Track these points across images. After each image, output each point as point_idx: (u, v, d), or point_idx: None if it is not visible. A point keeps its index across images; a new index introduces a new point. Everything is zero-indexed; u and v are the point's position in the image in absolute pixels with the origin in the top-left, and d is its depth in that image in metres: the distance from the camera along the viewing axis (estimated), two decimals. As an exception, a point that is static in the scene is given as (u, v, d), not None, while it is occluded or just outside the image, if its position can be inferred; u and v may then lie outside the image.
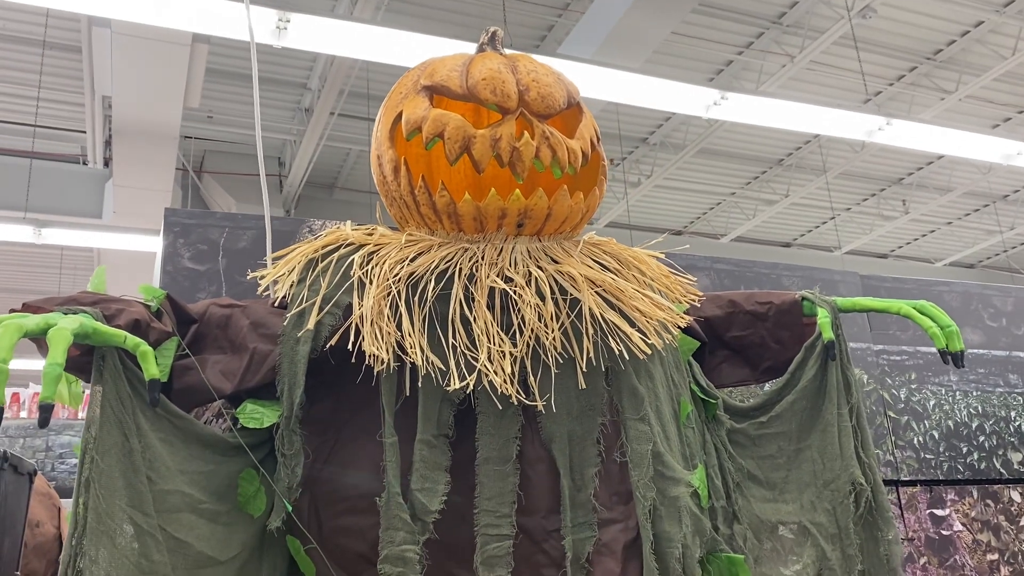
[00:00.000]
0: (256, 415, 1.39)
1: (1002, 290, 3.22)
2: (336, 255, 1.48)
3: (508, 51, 1.62)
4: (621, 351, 1.42)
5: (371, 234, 1.54)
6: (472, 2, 6.94)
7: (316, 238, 1.55)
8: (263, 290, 1.56)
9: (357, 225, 1.60)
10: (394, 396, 1.38)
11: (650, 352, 1.46)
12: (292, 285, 1.48)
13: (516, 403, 1.37)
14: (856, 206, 11.47)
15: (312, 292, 1.44)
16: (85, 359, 1.25)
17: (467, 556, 1.33)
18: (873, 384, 2.75)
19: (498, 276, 1.43)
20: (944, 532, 2.66)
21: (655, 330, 1.48)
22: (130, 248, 7.12)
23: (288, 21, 4.32)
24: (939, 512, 2.69)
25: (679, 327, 1.59)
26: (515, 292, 1.41)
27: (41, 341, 1.17)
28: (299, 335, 1.40)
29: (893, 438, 2.71)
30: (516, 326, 1.40)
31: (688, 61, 7.92)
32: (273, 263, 1.56)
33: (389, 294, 1.40)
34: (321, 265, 1.47)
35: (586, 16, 6.42)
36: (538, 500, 1.38)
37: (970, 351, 2.93)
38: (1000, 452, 2.91)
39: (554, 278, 1.45)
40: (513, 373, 1.37)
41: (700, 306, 1.74)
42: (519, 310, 1.41)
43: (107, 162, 8.06)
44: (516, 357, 1.38)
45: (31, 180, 7.54)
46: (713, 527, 1.52)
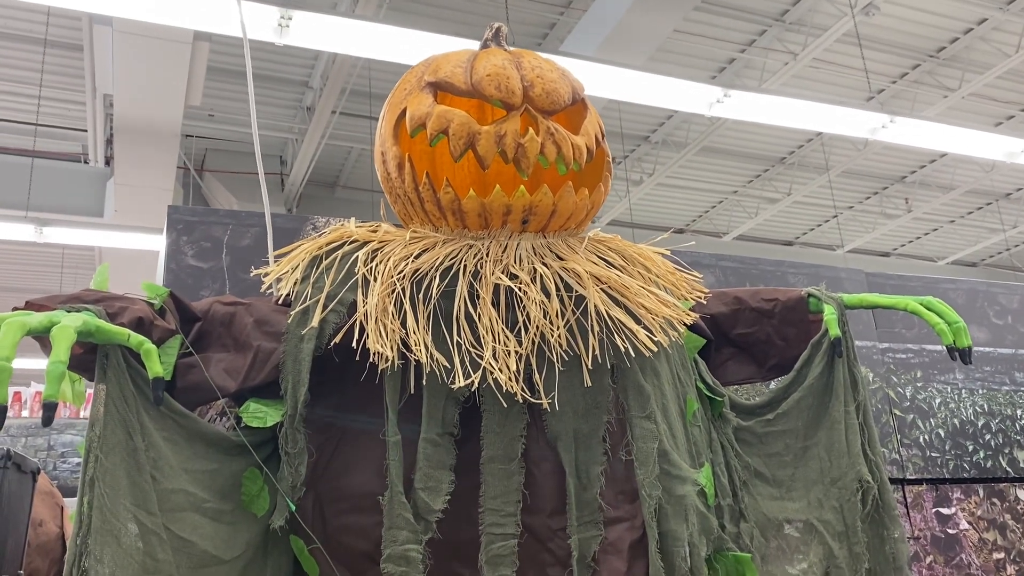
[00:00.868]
0: (259, 414, 1.38)
1: (1008, 288, 3.20)
2: (340, 252, 1.47)
3: (512, 48, 1.61)
4: (627, 348, 1.41)
5: (375, 231, 1.53)
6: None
7: (320, 235, 1.54)
8: (267, 288, 1.55)
9: (361, 223, 1.59)
10: (398, 394, 1.37)
11: (656, 349, 1.45)
12: (296, 283, 1.47)
13: (521, 401, 1.36)
14: (858, 204, 11.45)
15: (316, 290, 1.43)
16: (88, 357, 1.24)
17: (471, 555, 1.32)
18: (879, 382, 2.74)
19: (503, 273, 1.42)
20: (950, 531, 2.65)
21: (661, 327, 1.47)
22: (132, 247, 7.11)
23: (290, 19, 4.31)
24: (945, 511, 2.68)
25: (685, 324, 1.58)
26: (520, 289, 1.40)
27: (44, 339, 1.16)
28: (303, 333, 1.39)
29: (899, 436, 2.70)
30: (521, 323, 1.39)
31: (690, 59, 7.90)
32: (276, 261, 1.55)
33: (393, 291, 1.39)
34: (325, 262, 1.46)
35: (588, 14, 6.41)
36: (543, 499, 1.37)
37: (976, 349, 2.91)
38: (1006, 450, 2.90)
39: (559, 275, 1.44)
40: (518, 371, 1.36)
41: (706, 303, 1.73)
42: (524, 307, 1.40)
43: (108, 161, 8.05)
44: (521, 355, 1.37)
45: (32, 179, 7.53)
46: (720, 525, 1.51)
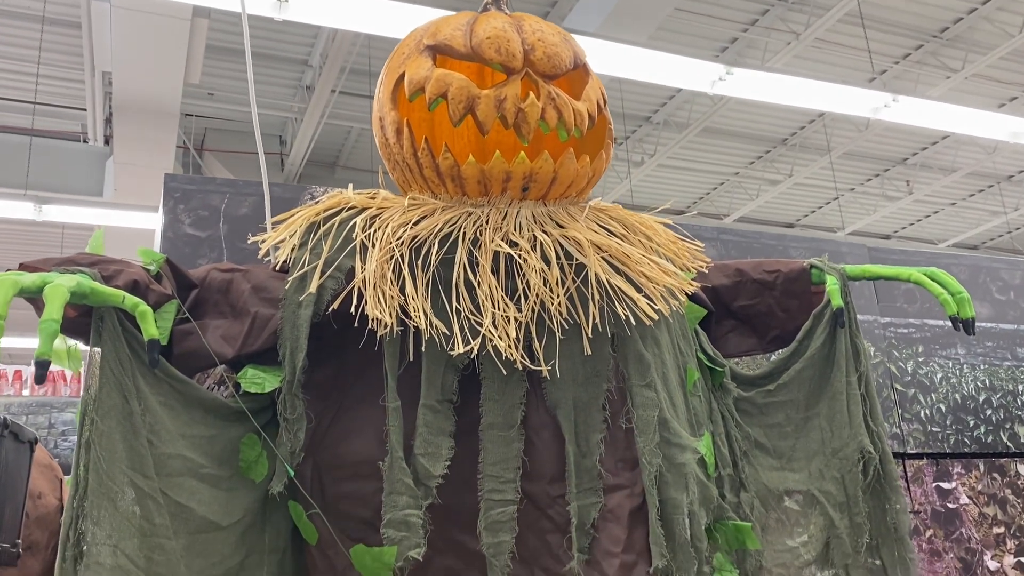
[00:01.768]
0: (257, 380, 1.37)
1: (1011, 263, 3.19)
2: (338, 219, 1.46)
3: (514, 11, 1.58)
4: (627, 317, 1.40)
5: (373, 198, 1.52)
6: (475, -24, 6.88)
7: (317, 202, 1.53)
8: (264, 254, 1.53)
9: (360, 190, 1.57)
10: (397, 360, 1.36)
11: (657, 318, 1.44)
12: (293, 249, 1.45)
13: (521, 368, 1.35)
14: (860, 186, 11.41)
15: (314, 256, 1.42)
16: (83, 320, 1.23)
17: (471, 521, 1.32)
18: (880, 357, 2.73)
19: (503, 240, 1.41)
20: (950, 505, 2.65)
21: (662, 296, 1.46)
22: (131, 225, 7.09)
23: (289, -7, 4.27)
24: (945, 485, 2.68)
25: (686, 294, 1.57)
26: (520, 257, 1.39)
27: (37, 301, 1.15)
28: (301, 299, 1.37)
29: (900, 411, 2.70)
30: (521, 291, 1.38)
31: (692, 38, 7.85)
32: (274, 227, 1.54)
33: (392, 258, 1.38)
34: (323, 229, 1.45)
35: (590, -9, 6.35)
36: (543, 466, 1.36)
37: (978, 324, 2.90)
38: (1007, 426, 2.90)
39: (559, 243, 1.43)
40: (518, 338, 1.35)
41: (707, 275, 1.72)
42: (524, 275, 1.38)
43: (107, 140, 8.02)
44: (521, 322, 1.36)
45: (31, 158, 7.50)
46: (720, 495, 1.50)
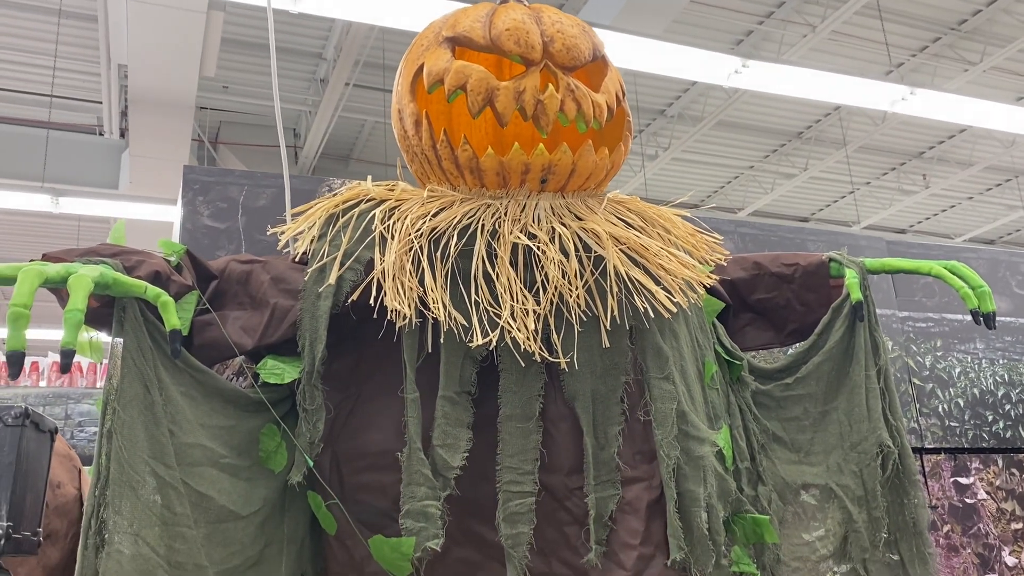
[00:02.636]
0: (277, 371, 1.38)
1: (1031, 257, 3.17)
2: (357, 210, 1.46)
3: (533, 3, 1.58)
4: (646, 309, 1.40)
5: (392, 189, 1.52)
6: (489, -30, 6.85)
7: (336, 194, 1.53)
8: (283, 246, 1.54)
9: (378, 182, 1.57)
10: (416, 352, 1.36)
11: (675, 310, 1.43)
12: (313, 240, 1.46)
13: (539, 360, 1.35)
14: (875, 180, 11.33)
15: (333, 247, 1.42)
16: (105, 311, 1.24)
17: (489, 513, 1.32)
18: (898, 351, 2.71)
19: (521, 232, 1.41)
20: (968, 500, 2.64)
21: (680, 288, 1.46)
22: (146, 217, 7.13)
23: (304, -14, 4.28)
24: (963, 480, 2.66)
25: (704, 287, 1.56)
26: (539, 248, 1.39)
27: (61, 291, 1.16)
28: (320, 290, 1.38)
29: (918, 405, 2.68)
30: (539, 283, 1.38)
31: (707, 31, 7.81)
32: (293, 219, 1.54)
33: (411, 249, 1.38)
34: (342, 220, 1.45)
35: (605, -17, 6.32)
36: (561, 458, 1.36)
37: (997, 319, 2.89)
38: (1026, 421, 2.88)
39: (578, 235, 1.43)
40: (536, 330, 1.35)
41: (725, 268, 1.71)
42: (542, 267, 1.38)
43: (123, 132, 8.05)
44: (539, 314, 1.36)
45: (48, 151, 7.55)
46: (737, 488, 1.50)
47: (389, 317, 1.34)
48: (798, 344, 1.75)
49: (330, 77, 7.73)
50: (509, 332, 1.33)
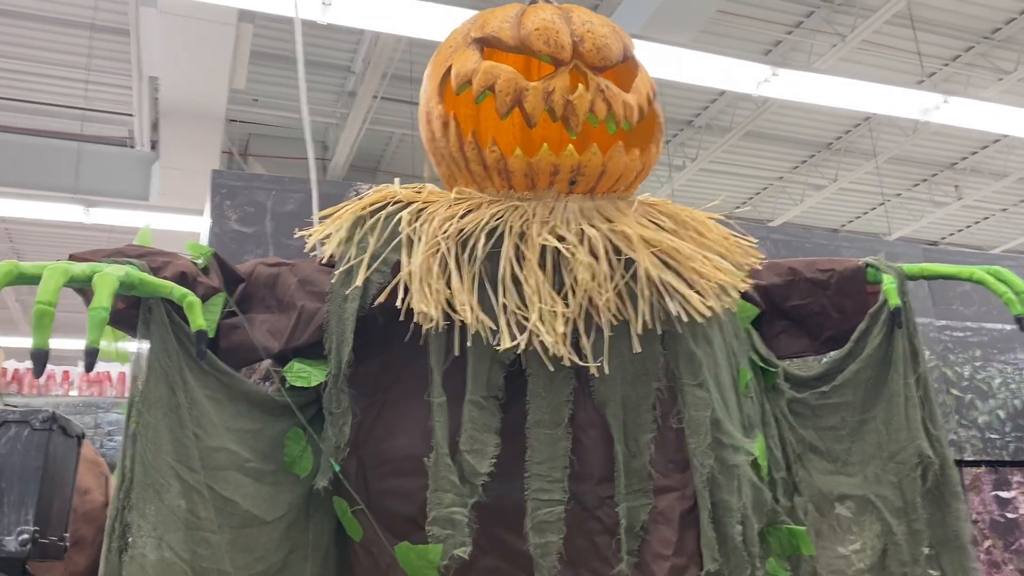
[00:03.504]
0: (303, 374, 1.36)
1: (1073, 266, 3.09)
2: (384, 213, 1.45)
3: (563, 3, 1.56)
4: (678, 314, 1.36)
5: (419, 192, 1.50)
6: (516, -19, 6.87)
7: (363, 197, 1.51)
8: (310, 248, 1.53)
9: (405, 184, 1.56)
10: (443, 355, 1.34)
11: (709, 315, 1.40)
12: (340, 243, 1.45)
13: (568, 365, 1.32)
14: (906, 191, 11.18)
15: (360, 249, 1.40)
16: (132, 312, 1.23)
17: (517, 522, 1.29)
18: (935, 360, 2.65)
19: (550, 234, 1.38)
20: (1009, 515, 2.56)
21: (714, 293, 1.42)
22: (177, 228, 7.19)
23: (332, -2, 4.31)
24: (1004, 494, 2.59)
25: (739, 292, 1.53)
26: (568, 251, 1.36)
27: (88, 292, 1.15)
28: (347, 293, 1.36)
29: (957, 416, 2.61)
30: (569, 287, 1.35)
31: (736, 41, 7.76)
32: (320, 222, 1.53)
33: (438, 251, 1.36)
34: (369, 223, 1.44)
35: (632, -7, 6.31)
36: (591, 466, 1.33)
37: (1039, 328, 2.82)
38: (1070, 434, 2.80)
39: (608, 237, 1.40)
40: (565, 334, 1.32)
41: (759, 273, 1.67)
42: (572, 270, 1.35)
43: (154, 145, 8.15)
44: (568, 318, 1.33)
45: (79, 163, 7.65)
46: (773, 499, 1.46)
47: (416, 320, 1.32)
48: (834, 352, 1.71)
49: (358, 90, 7.77)
50: (537, 336, 1.30)
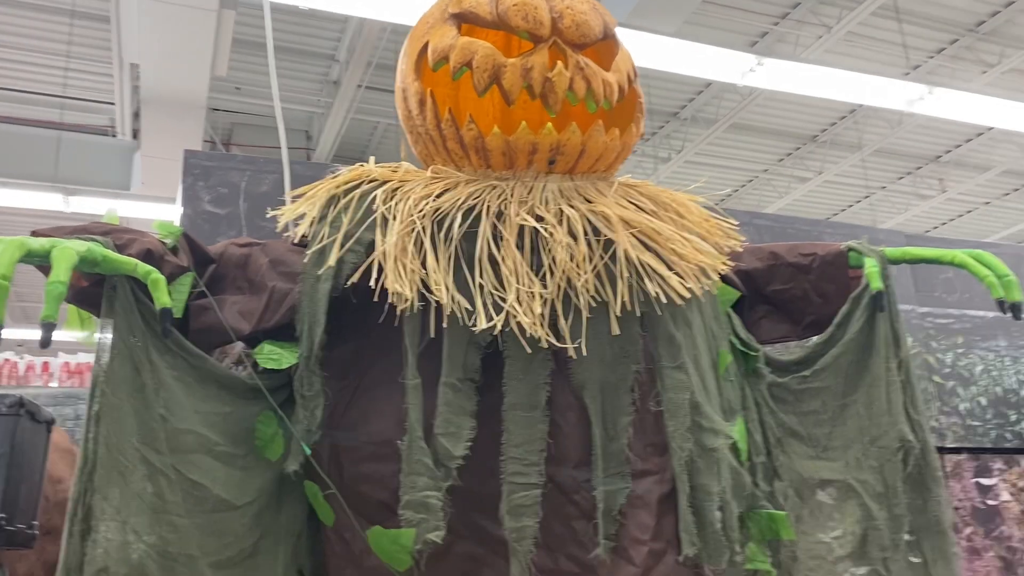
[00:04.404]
0: (274, 356, 1.33)
1: (1055, 254, 3.09)
2: (358, 191, 1.42)
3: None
4: (657, 295, 1.34)
5: (395, 170, 1.47)
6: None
7: (338, 175, 1.48)
8: (283, 228, 1.50)
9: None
10: (418, 337, 1.31)
11: (688, 296, 1.38)
12: (313, 222, 1.41)
13: (546, 347, 1.30)
14: (891, 184, 11.22)
15: (333, 229, 1.37)
16: (96, 291, 1.19)
17: (493, 506, 1.27)
18: (917, 347, 2.65)
19: (528, 214, 1.35)
20: (990, 502, 2.56)
21: (694, 275, 1.40)
22: (159, 217, 7.12)
23: (315, -17, 4.25)
24: (985, 481, 2.59)
25: (719, 274, 1.51)
26: (546, 231, 1.34)
27: (47, 268, 1.12)
28: (320, 273, 1.34)
29: (938, 404, 2.61)
30: (547, 267, 1.33)
31: (720, 33, 7.72)
32: (294, 202, 1.50)
33: (413, 230, 1.33)
34: (343, 201, 1.41)
35: (618, -18, 6.27)
36: (568, 449, 1.31)
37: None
38: (1051, 421, 2.80)
39: (587, 218, 1.37)
40: (543, 315, 1.30)
41: (740, 257, 1.65)
42: (550, 250, 1.33)
43: (135, 134, 8.06)
44: (546, 299, 1.31)
45: (60, 152, 7.56)
46: (753, 483, 1.44)
47: (390, 300, 1.29)
48: (816, 336, 1.69)
49: (343, 79, 7.71)
50: (514, 316, 1.28)
